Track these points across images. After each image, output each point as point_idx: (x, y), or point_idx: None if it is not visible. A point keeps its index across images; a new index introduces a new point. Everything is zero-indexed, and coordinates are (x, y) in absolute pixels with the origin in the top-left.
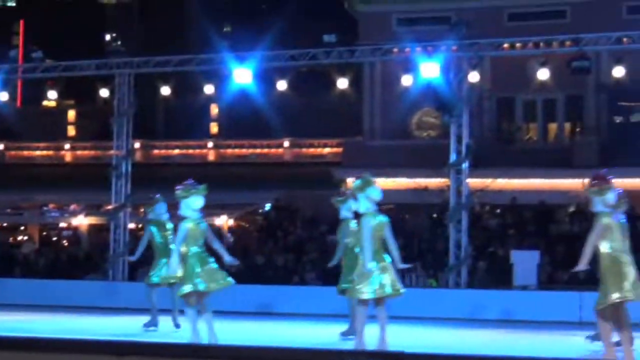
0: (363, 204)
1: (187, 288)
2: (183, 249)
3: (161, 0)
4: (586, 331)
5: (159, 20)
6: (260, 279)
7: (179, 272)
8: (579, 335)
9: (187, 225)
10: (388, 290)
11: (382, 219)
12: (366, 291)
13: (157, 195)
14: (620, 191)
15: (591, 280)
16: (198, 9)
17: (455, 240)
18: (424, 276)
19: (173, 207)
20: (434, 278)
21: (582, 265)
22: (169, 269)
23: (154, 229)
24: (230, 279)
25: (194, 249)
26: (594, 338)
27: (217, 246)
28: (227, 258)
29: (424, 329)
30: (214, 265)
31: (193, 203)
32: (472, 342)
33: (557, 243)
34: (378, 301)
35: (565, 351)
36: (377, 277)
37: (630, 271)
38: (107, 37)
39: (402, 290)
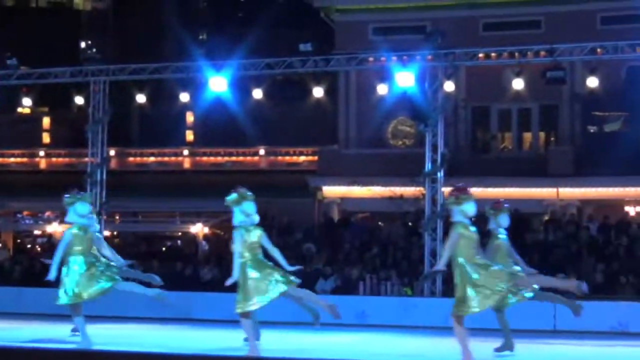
0: (237, 217)
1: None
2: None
3: (137, 7)
4: (562, 339)
5: (135, 28)
6: (236, 288)
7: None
8: (554, 343)
9: (71, 232)
10: (283, 287)
11: (257, 230)
12: (254, 302)
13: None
14: (498, 201)
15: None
16: (174, 17)
17: (431, 249)
18: (399, 284)
19: None
20: (409, 286)
21: (440, 266)
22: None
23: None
24: (106, 285)
25: (77, 256)
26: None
27: (108, 253)
28: (121, 262)
29: (399, 337)
30: (98, 270)
31: (80, 209)
32: (447, 351)
33: (532, 251)
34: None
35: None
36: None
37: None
38: (82, 44)
39: (295, 281)
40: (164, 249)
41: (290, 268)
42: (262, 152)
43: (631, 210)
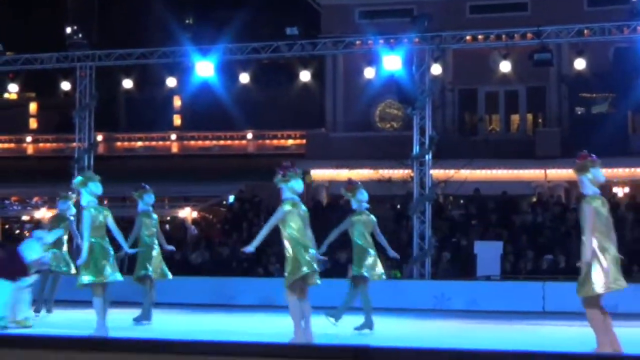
0: (85, 198)
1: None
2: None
3: None
4: (550, 320)
5: (121, 13)
6: (224, 271)
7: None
8: (543, 325)
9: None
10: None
11: (105, 210)
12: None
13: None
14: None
15: (555, 270)
16: (160, 2)
17: (419, 232)
18: (387, 267)
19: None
20: (398, 269)
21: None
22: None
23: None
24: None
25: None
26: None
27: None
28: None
29: (388, 320)
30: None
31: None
32: (436, 333)
33: (520, 233)
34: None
35: (529, 341)
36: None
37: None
38: (68, 29)
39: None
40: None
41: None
42: (249, 136)
43: (619, 192)
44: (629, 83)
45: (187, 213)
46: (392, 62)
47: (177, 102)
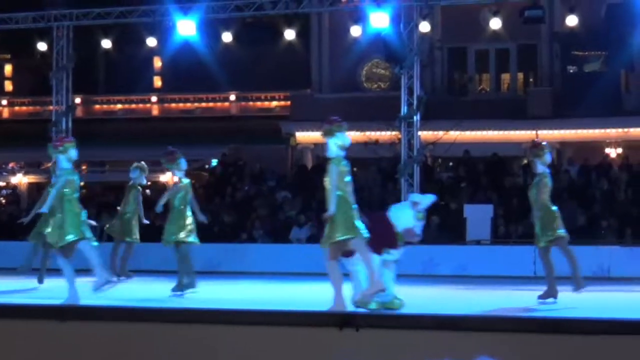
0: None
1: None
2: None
3: None
4: (542, 285)
5: None
6: (207, 237)
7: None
8: (534, 289)
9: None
10: None
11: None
12: None
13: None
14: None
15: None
16: None
17: (407, 195)
18: None
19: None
20: None
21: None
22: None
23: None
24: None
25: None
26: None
27: None
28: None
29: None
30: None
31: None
32: (425, 299)
33: (511, 196)
34: None
35: (520, 307)
36: None
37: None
38: None
39: None
40: None
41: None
42: (232, 97)
43: (612, 152)
44: (622, 40)
45: (168, 177)
46: (379, 20)
47: (157, 62)
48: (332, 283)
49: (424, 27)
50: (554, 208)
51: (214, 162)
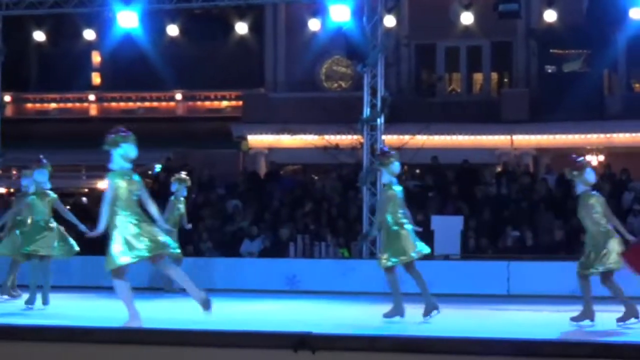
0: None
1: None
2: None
3: None
4: (516, 304)
5: None
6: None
7: None
8: (507, 309)
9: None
10: None
11: None
12: None
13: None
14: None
15: (521, 248)
16: None
17: (369, 205)
18: (334, 245)
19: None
20: (346, 247)
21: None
22: None
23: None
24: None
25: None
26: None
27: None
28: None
29: (335, 304)
30: None
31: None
32: (387, 319)
33: (482, 207)
34: None
35: (491, 327)
36: None
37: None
38: None
39: None
40: (68, 207)
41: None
42: (178, 96)
43: (593, 160)
44: (604, 38)
45: (106, 184)
46: (340, 13)
47: (96, 58)
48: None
49: (389, 21)
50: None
51: (158, 167)
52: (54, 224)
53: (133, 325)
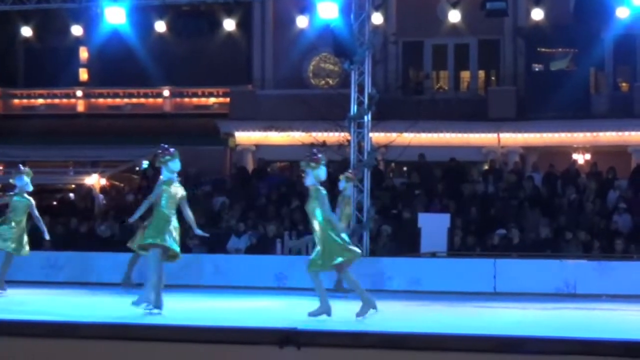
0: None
1: None
2: None
3: None
4: (502, 302)
5: None
6: None
7: None
8: (493, 306)
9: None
10: None
11: None
12: None
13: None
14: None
15: (507, 246)
16: None
17: (356, 202)
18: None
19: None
20: None
21: None
22: None
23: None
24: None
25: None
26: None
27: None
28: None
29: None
30: None
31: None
32: (374, 316)
33: (469, 205)
34: None
35: (477, 325)
36: None
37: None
38: None
39: None
40: (55, 203)
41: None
42: (166, 93)
43: (579, 159)
44: (591, 37)
45: (94, 180)
46: (328, 10)
47: (83, 53)
48: None
49: (377, 18)
50: None
51: (145, 164)
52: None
53: None
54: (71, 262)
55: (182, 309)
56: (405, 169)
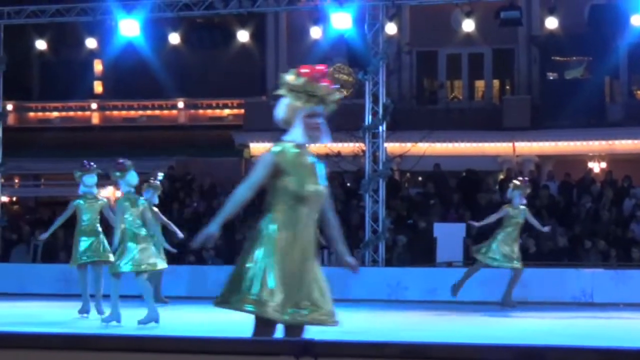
0: None
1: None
2: None
3: None
4: (519, 311)
5: None
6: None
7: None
8: (510, 316)
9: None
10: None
11: None
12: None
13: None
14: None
15: (523, 256)
16: None
17: (372, 212)
18: (337, 253)
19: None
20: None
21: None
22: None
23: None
24: None
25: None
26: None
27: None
28: None
29: (337, 312)
30: None
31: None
32: (390, 326)
33: (485, 214)
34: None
35: (496, 334)
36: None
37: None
38: None
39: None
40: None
41: None
42: (180, 105)
43: (595, 167)
44: (606, 45)
45: (109, 193)
46: (342, 21)
47: (98, 66)
48: None
49: (391, 28)
50: None
51: (160, 175)
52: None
53: None
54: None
55: (199, 320)
56: (420, 178)
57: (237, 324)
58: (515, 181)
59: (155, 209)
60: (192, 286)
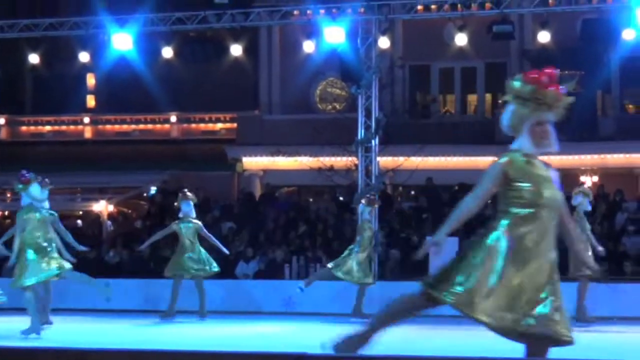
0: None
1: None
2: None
3: None
4: None
5: None
6: (145, 272)
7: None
8: None
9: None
10: None
11: None
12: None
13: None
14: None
15: None
16: None
17: None
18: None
19: None
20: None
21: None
22: None
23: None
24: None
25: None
26: None
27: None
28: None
29: (329, 326)
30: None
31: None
32: (383, 341)
33: (478, 228)
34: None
35: (492, 347)
36: None
37: None
38: None
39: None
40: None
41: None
42: (173, 119)
43: (587, 181)
44: (598, 59)
45: (102, 207)
46: (335, 35)
47: (90, 80)
48: None
49: (384, 43)
50: None
51: (153, 190)
52: None
53: None
54: (79, 289)
55: (193, 334)
56: (413, 192)
57: (231, 337)
58: (368, 196)
59: (199, 223)
60: (188, 300)
